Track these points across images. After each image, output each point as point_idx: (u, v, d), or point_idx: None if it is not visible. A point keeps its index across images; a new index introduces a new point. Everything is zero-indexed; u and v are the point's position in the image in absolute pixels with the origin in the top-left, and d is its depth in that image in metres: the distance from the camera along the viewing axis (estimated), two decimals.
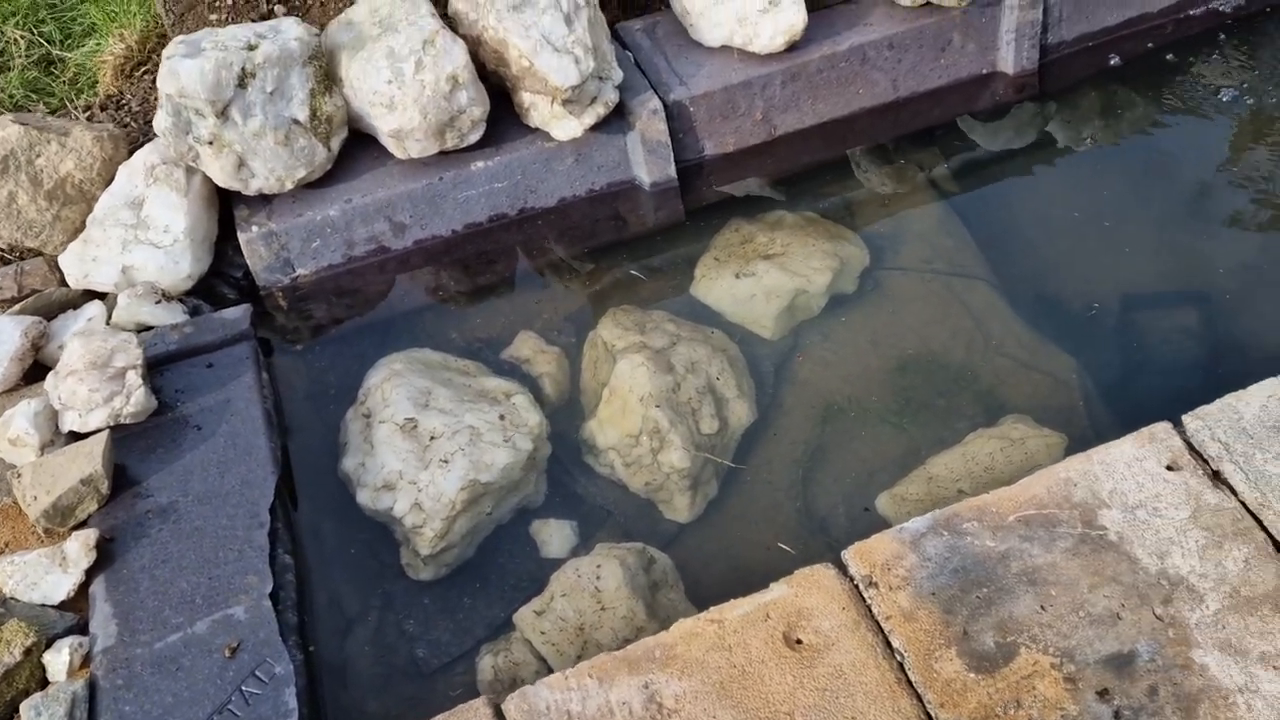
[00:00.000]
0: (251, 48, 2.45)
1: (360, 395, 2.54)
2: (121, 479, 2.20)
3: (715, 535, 2.52)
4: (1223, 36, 3.28)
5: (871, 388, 2.73)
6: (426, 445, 2.38)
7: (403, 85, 2.49)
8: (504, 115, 2.73)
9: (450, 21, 2.68)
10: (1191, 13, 3.16)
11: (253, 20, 3.02)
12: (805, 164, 3.05)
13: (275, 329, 2.71)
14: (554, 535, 2.44)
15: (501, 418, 2.45)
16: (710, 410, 2.57)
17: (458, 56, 2.51)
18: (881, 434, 2.64)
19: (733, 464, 2.49)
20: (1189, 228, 2.99)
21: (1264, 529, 1.89)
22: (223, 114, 2.43)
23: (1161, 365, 2.75)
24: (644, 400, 2.52)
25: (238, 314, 2.47)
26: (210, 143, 2.45)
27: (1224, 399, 2.04)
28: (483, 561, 2.41)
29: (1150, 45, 3.19)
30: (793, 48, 2.79)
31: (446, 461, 2.33)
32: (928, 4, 2.85)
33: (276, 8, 3.09)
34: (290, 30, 2.54)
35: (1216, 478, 1.96)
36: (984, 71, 3.03)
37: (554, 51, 2.48)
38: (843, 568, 1.94)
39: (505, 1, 2.51)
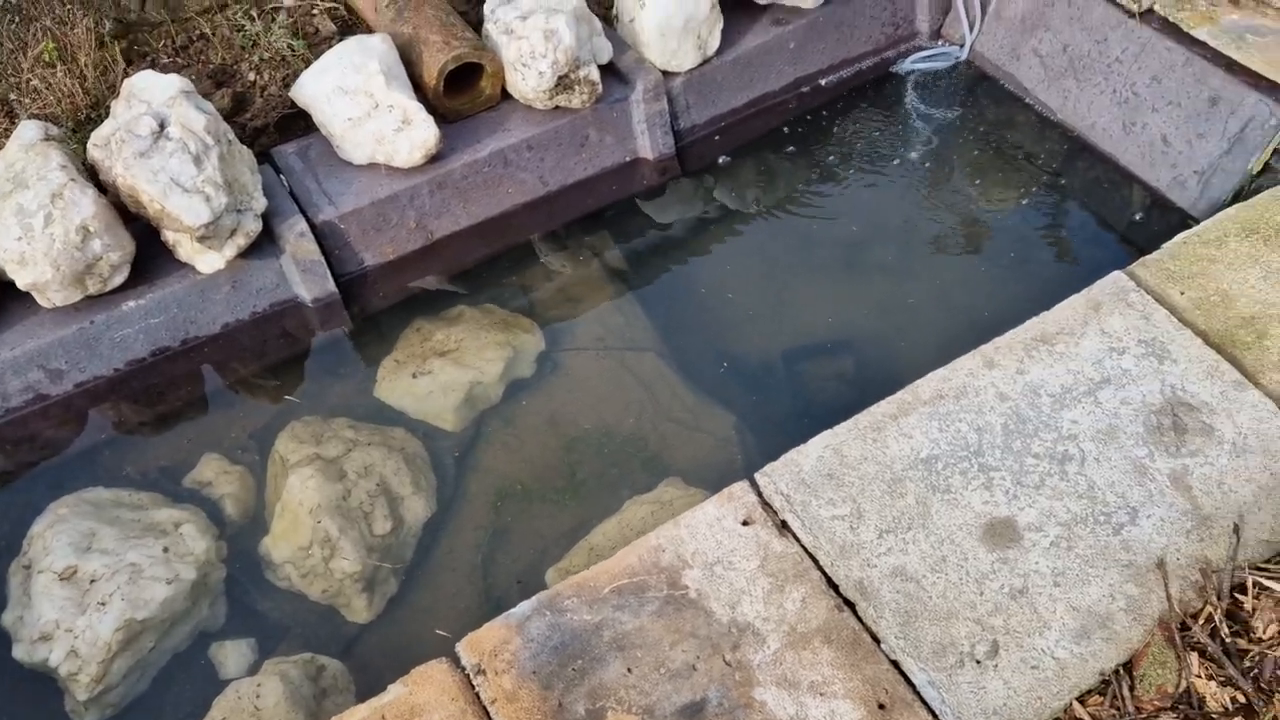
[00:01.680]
0: None
1: (23, 546, 2.56)
2: None
3: (397, 631, 2.64)
4: (841, 104, 3.65)
5: (550, 466, 2.92)
6: (86, 590, 2.42)
7: (33, 240, 2.56)
8: (158, 252, 2.82)
9: (92, 169, 2.76)
10: (807, 89, 3.53)
11: None
12: (477, 259, 3.25)
13: None
14: (230, 656, 2.52)
15: (166, 550, 2.52)
16: (384, 511, 2.71)
17: (87, 207, 2.59)
18: (556, 510, 2.83)
19: (390, 565, 2.63)
20: (838, 278, 3.31)
21: (819, 568, 2.15)
22: None
23: (817, 412, 3.02)
24: (313, 511, 2.63)
25: None
26: None
27: (788, 454, 2.31)
28: (156, 693, 2.46)
29: (781, 118, 3.54)
30: (435, 159, 2.99)
31: (104, 604, 2.38)
32: (558, 107, 3.10)
33: None
34: None
35: (784, 528, 2.21)
36: (627, 159, 3.30)
37: (184, 193, 2.60)
38: (456, 659, 2.10)
39: (132, 149, 2.61)
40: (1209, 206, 2.98)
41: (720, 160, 3.44)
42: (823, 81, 3.54)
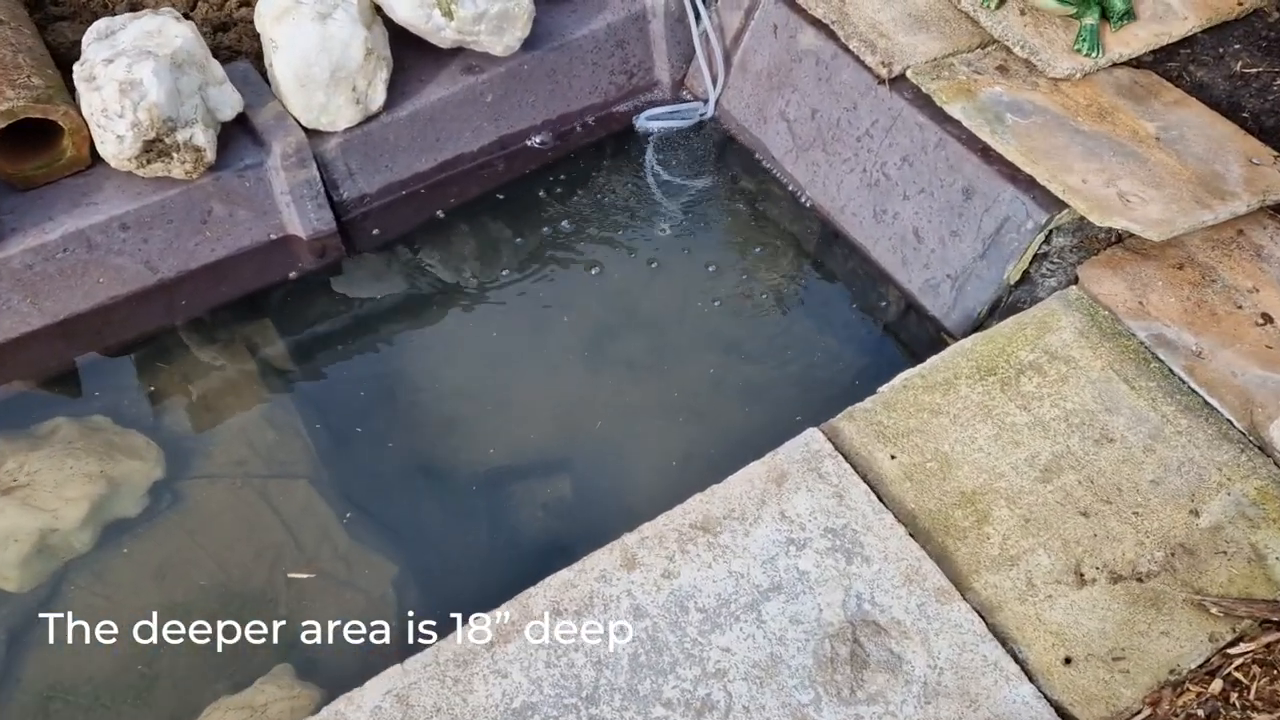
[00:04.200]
0: None
1: None
2: None
3: None
4: (568, 168, 3.03)
5: (142, 642, 2.26)
6: None
7: None
8: None
9: None
10: (521, 147, 2.90)
11: None
12: (74, 364, 2.57)
13: None
14: None
15: None
16: None
17: None
18: (132, 710, 2.18)
19: None
20: (558, 377, 2.72)
21: None
22: None
23: (516, 555, 2.43)
24: None
25: None
26: None
27: (336, 702, 1.69)
28: None
29: (487, 184, 2.90)
30: None
31: None
32: (161, 177, 2.43)
33: None
34: None
35: None
36: (272, 237, 2.64)
37: None
38: None
39: None
40: (963, 318, 2.46)
41: (441, 208, 2.75)
42: (538, 140, 2.91)
